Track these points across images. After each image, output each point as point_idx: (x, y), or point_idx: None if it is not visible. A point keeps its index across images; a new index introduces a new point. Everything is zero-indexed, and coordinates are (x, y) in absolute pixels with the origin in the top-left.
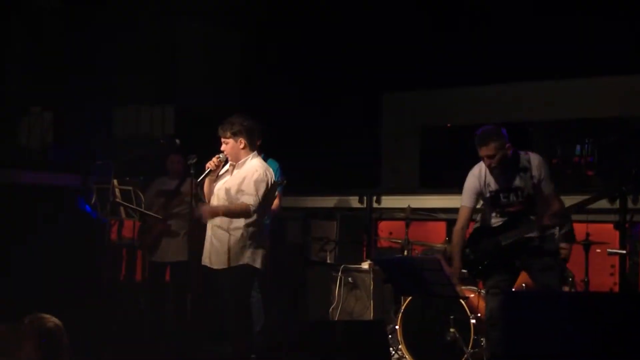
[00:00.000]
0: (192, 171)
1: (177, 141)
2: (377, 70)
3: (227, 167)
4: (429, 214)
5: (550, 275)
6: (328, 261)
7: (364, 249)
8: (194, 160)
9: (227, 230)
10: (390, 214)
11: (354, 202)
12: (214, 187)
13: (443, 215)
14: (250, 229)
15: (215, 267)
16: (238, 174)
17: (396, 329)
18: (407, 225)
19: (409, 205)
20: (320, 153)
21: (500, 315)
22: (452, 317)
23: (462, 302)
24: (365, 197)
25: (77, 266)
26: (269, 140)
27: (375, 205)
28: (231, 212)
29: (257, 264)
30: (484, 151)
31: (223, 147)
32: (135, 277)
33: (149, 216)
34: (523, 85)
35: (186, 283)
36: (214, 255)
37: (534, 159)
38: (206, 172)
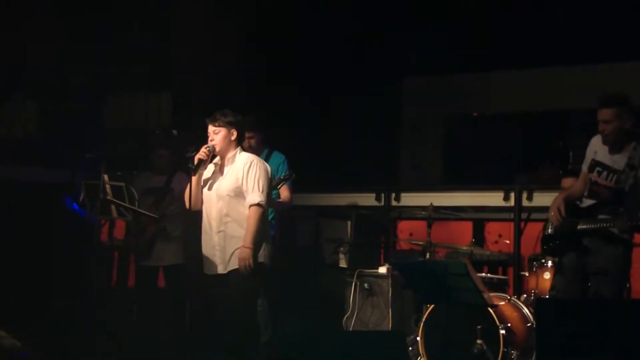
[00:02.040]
0: (190, 165)
1: (175, 132)
2: (396, 52)
3: (210, 168)
4: (454, 213)
5: (603, 282)
6: (341, 265)
7: (382, 251)
8: (194, 154)
9: (238, 236)
10: (411, 212)
11: (370, 199)
12: (201, 188)
13: (469, 214)
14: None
15: (222, 272)
16: (231, 170)
17: (417, 341)
18: (430, 225)
19: (431, 203)
20: (332, 145)
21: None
22: (479, 327)
23: (491, 311)
24: (382, 194)
25: (64, 271)
26: (276, 131)
27: (393, 203)
28: (253, 230)
29: (263, 258)
30: (600, 114)
31: (212, 138)
32: (128, 283)
33: (144, 215)
34: (563, 70)
35: (184, 288)
36: (223, 260)
37: None
38: (197, 163)
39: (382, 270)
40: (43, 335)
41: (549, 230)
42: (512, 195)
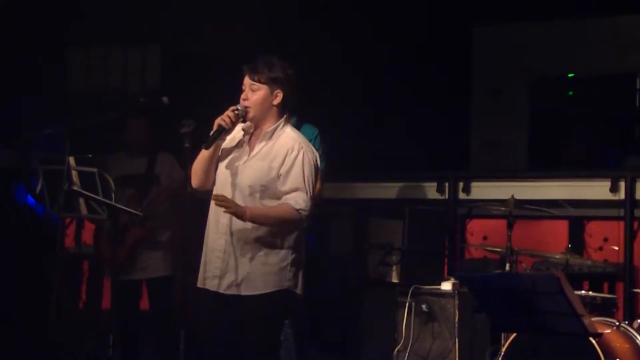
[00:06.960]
0: (186, 144)
1: (165, 99)
2: None
3: (234, 134)
4: (543, 209)
5: None
6: (392, 280)
7: (445, 261)
8: (191, 128)
9: (263, 239)
10: (485, 208)
11: (430, 191)
12: (216, 163)
13: (564, 211)
14: (294, 239)
15: (241, 292)
16: (265, 150)
17: None
18: (510, 226)
19: (512, 196)
20: (378, 118)
21: None
22: None
23: (593, 342)
24: (446, 184)
25: (17, 285)
26: (304, 97)
27: (461, 195)
28: (272, 220)
29: (299, 290)
30: None
31: (247, 96)
32: (101, 303)
33: (125, 213)
34: None
35: (173, 308)
36: (236, 275)
37: None
38: (215, 131)
39: (446, 286)
40: None
41: None
42: (622, 184)
